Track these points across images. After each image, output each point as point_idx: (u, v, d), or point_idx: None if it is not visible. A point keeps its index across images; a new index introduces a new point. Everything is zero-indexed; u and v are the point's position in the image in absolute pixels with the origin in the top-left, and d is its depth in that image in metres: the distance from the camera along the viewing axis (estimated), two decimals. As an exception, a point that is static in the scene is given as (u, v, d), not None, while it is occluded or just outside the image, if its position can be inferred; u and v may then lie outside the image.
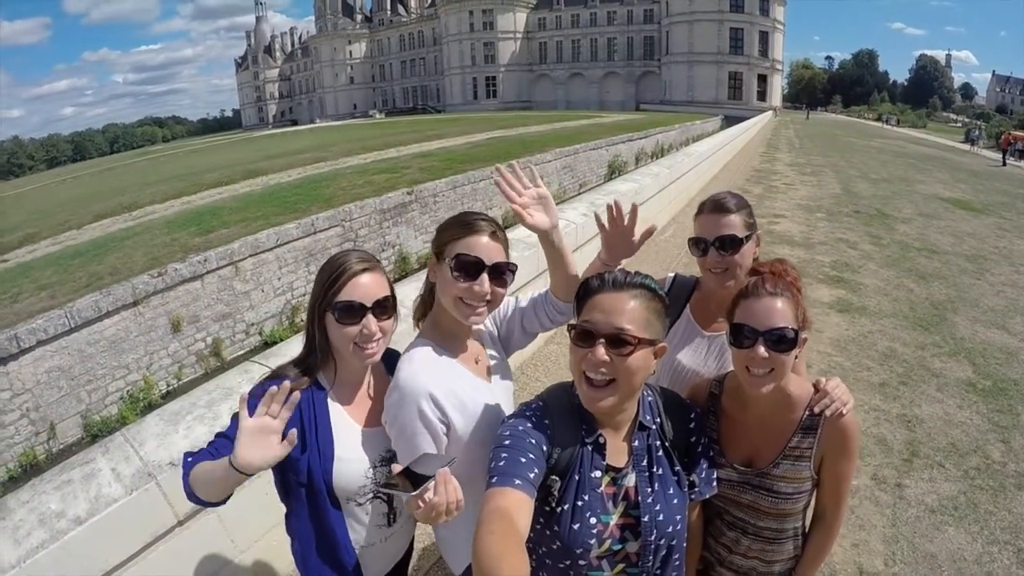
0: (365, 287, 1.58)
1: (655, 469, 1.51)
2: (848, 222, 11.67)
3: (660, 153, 32.77)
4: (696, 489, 1.59)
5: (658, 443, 1.54)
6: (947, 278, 8.00)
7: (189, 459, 1.50)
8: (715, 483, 1.64)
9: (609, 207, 1.84)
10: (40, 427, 9.34)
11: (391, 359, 1.77)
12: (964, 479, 3.73)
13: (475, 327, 1.78)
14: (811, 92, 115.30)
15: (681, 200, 12.01)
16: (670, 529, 1.48)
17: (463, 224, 1.63)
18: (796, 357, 1.57)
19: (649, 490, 1.48)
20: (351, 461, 1.62)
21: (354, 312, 1.56)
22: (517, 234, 5.47)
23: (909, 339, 5.89)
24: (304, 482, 1.59)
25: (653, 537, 1.45)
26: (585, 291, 1.44)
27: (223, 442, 1.51)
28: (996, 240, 10.68)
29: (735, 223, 1.96)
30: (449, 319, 1.67)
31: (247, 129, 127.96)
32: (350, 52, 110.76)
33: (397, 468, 1.43)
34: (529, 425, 1.46)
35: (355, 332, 1.57)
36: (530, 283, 4.92)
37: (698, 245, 2.01)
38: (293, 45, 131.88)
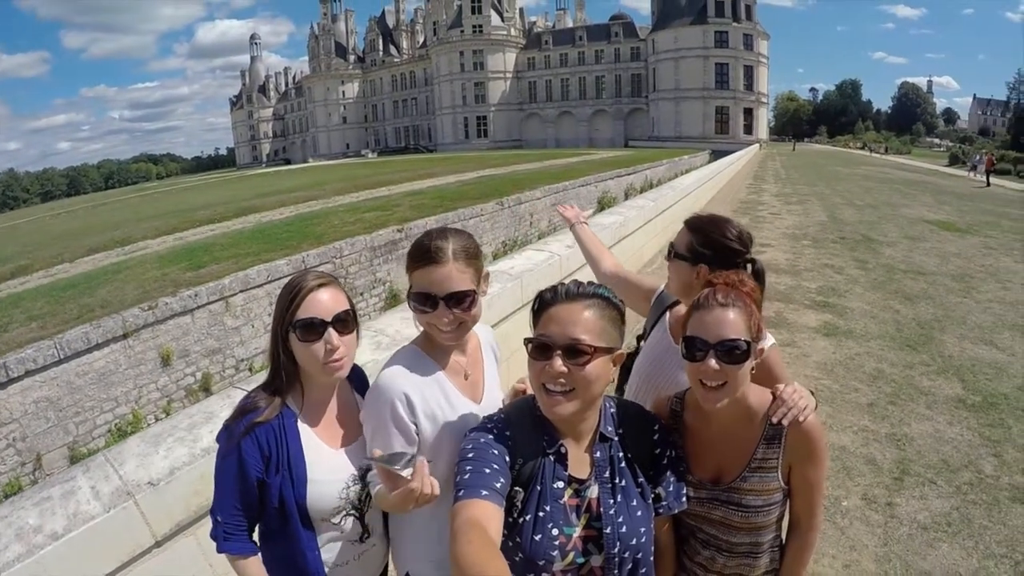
0: (323, 303, 1.59)
1: (618, 480, 1.50)
2: (834, 248, 11.77)
3: (648, 188, 33.05)
4: (663, 503, 1.57)
5: (621, 454, 1.54)
6: (934, 298, 8.06)
7: (222, 529, 1.60)
8: (684, 498, 1.61)
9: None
10: (26, 457, 9.27)
11: (359, 378, 1.80)
12: (957, 495, 3.70)
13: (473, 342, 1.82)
14: (797, 124, 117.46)
15: (667, 233, 12.09)
16: (634, 542, 1.46)
17: (418, 254, 1.63)
18: (753, 369, 1.56)
19: (612, 501, 1.47)
20: (325, 483, 1.63)
21: (315, 328, 1.57)
22: (500, 266, 5.48)
23: (897, 359, 5.90)
24: (275, 505, 1.60)
25: (616, 550, 1.44)
26: (540, 304, 1.46)
27: (239, 532, 1.61)
28: (982, 259, 10.77)
29: (684, 242, 2.01)
30: None
31: (241, 167, 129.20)
32: (343, 92, 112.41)
33: (377, 452, 1.45)
34: (491, 437, 1.47)
35: (319, 348, 1.58)
36: (512, 315, 4.86)
37: (668, 252, 2.07)
38: (287, 85, 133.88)
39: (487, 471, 1.38)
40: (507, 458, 1.44)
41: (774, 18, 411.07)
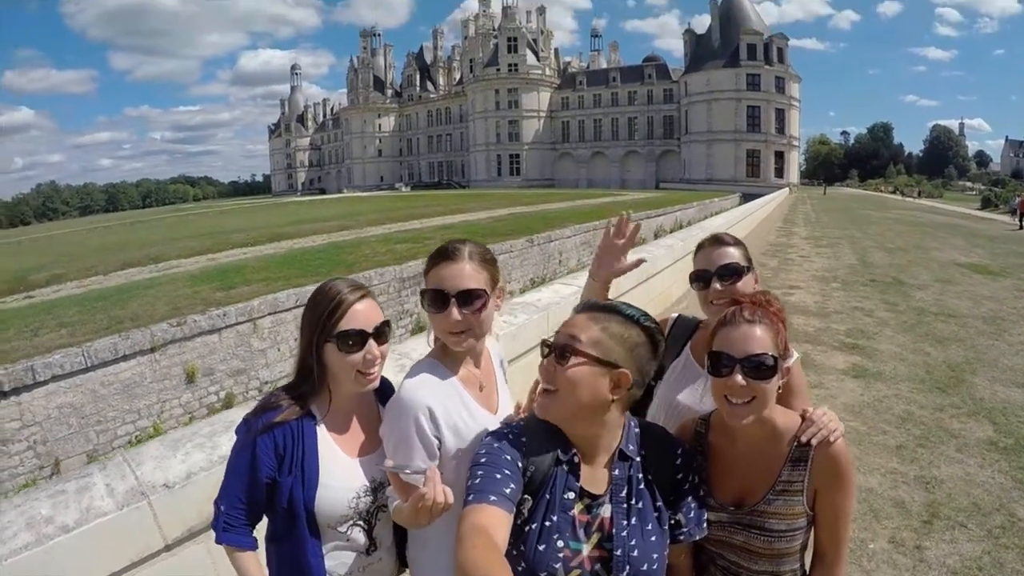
0: (365, 314, 1.63)
1: (634, 501, 1.47)
2: (863, 291, 11.57)
3: (678, 229, 33.10)
4: (683, 529, 1.53)
5: (640, 475, 1.50)
6: (965, 340, 7.90)
7: (223, 519, 1.60)
8: (704, 524, 1.57)
9: (621, 215, 1.99)
10: (45, 461, 9.40)
11: (383, 389, 1.80)
12: (988, 538, 3.56)
13: (489, 355, 1.85)
14: (828, 167, 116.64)
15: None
16: (645, 567, 1.42)
17: (435, 255, 1.67)
18: (779, 389, 1.55)
19: (625, 523, 1.44)
20: (336, 488, 1.63)
21: (358, 339, 1.61)
22: (527, 298, 5.52)
23: (926, 402, 5.76)
24: (284, 506, 1.60)
25: (625, 573, 1.40)
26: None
27: (240, 525, 1.61)
28: (1015, 301, 10.56)
29: (735, 254, 2.00)
30: None
31: (276, 195, 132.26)
32: (379, 125, 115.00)
33: (389, 463, 1.45)
34: (504, 442, 1.46)
35: (359, 359, 1.61)
36: (538, 347, 4.86)
37: (700, 278, 2.03)
38: (325, 116, 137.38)
39: (497, 476, 1.37)
40: (519, 463, 1.43)
41: (806, 61, 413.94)
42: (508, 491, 1.35)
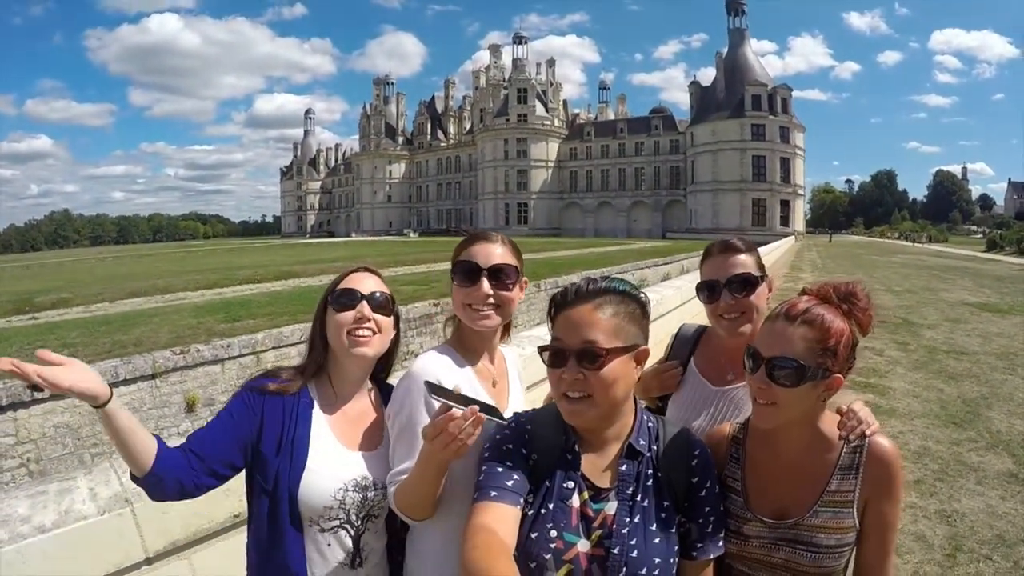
0: (364, 282, 1.68)
1: (640, 499, 1.38)
2: (873, 331, 11.38)
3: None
4: (697, 544, 1.42)
5: (650, 472, 1.42)
6: (978, 376, 7.83)
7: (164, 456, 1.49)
8: (722, 542, 1.45)
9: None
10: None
11: (390, 390, 1.75)
12: (1015, 570, 3.41)
13: (500, 352, 1.83)
14: (833, 215, 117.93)
15: (702, 316, 11.92)
16: (644, 571, 1.32)
17: (469, 236, 1.72)
18: (822, 398, 1.43)
19: (627, 519, 1.36)
20: (323, 476, 1.57)
21: (349, 300, 1.63)
22: (534, 332, 5.48)
23: (942, 436, 5.63)
24: (269, 489, 1.55)
25: (623, 575, 1.31)
26: (555, 308, 1.41)
27: (196, 463, 1.50)
28: (1027, 337, 10.59)
29: (748, 262, 1.85)
30: (470, 334, 1.69)
31: (285, 236, 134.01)
32: (390, 171, 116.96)
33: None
34: (507, 432, 1.43)
35: (349, 317, 1.62)
36: (546, 381, 4.78)
37: (708, 289, 1.88)
38: (336, 160, 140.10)
39: (499, 469, 1.36)
40: (523, 450, 1.40)
41: (810, 111, 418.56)
42: (511, 483, 1.33)
